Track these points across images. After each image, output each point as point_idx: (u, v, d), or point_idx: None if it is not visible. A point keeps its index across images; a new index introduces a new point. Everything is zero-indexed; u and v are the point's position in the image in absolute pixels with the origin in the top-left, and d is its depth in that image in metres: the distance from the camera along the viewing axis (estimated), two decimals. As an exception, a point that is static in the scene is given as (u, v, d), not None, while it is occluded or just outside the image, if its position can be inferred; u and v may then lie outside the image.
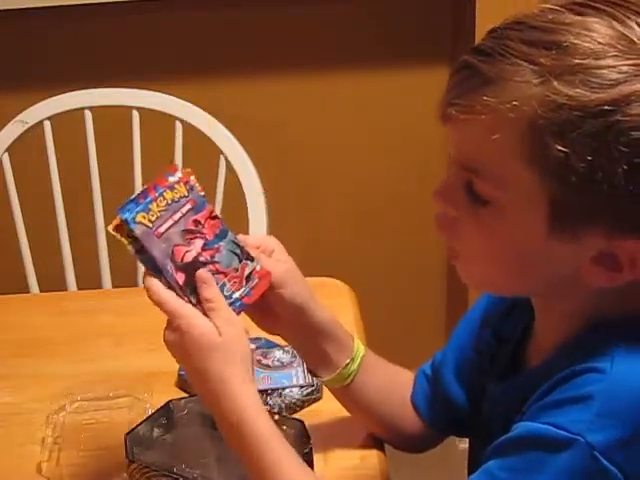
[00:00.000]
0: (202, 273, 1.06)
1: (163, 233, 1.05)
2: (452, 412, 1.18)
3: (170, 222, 1.06)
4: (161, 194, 1.06)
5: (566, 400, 0.88)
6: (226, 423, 1.04)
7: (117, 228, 1.05)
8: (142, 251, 1.05)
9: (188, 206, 1.08)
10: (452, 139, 0.94)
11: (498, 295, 1.11)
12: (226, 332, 1.03)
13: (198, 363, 1.04)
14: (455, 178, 0.94)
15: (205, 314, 1.04)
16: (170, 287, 1.05)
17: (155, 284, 1.05)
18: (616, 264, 0.89)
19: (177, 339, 1.04)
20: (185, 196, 1.08)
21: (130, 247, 1.05)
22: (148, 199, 1.05)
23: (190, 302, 1.05)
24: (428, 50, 2.38)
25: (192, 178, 1.09)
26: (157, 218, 1.05)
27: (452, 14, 2.35)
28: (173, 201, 1.06)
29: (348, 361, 1.16)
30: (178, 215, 1.07)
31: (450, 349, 1.19)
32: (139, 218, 1.04)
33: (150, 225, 1.04)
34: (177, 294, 1.05)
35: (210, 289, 1.06)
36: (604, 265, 0.90)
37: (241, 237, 1.13)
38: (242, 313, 1.09)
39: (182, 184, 1.08)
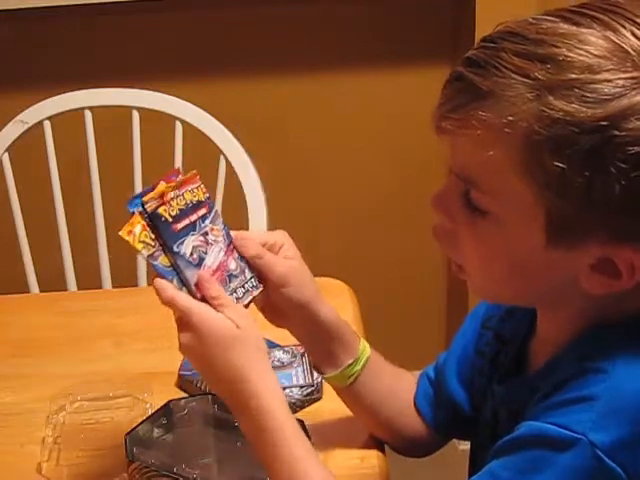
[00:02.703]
0: (203, 273, 1.06)
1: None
2: (455, 414, 1.18)
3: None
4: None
5: (569, 400, 0.88)
6: (246, 415, 1.04)
7: (129, 233, 1.05)
8: (153, 256, 1.06)
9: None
10: (448, 150, 0.93)
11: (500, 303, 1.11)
12: (242, 324, 1.04)
13: (218, 357, 1.03)
14: (453, 186, 0.94)
15: None
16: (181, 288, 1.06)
17: (165, 283, 1.05)
18: (615, 271, 0.89)
19: (193, 338, 1.03)
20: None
21: (144, 251, 1.06)
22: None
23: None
24: (428, 50, 2.38)
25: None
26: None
27: (452, 14, 2.35)
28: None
29: (351, 362, 1.16)
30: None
31: (453, 351, 1.19)
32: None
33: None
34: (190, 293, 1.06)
35: (213, 287, 1.06)
36: (602, 272, 0.89)
37: (248, 233, 1.13)
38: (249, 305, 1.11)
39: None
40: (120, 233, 1.06)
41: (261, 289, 1.12)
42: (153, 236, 1.06)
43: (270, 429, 1.02)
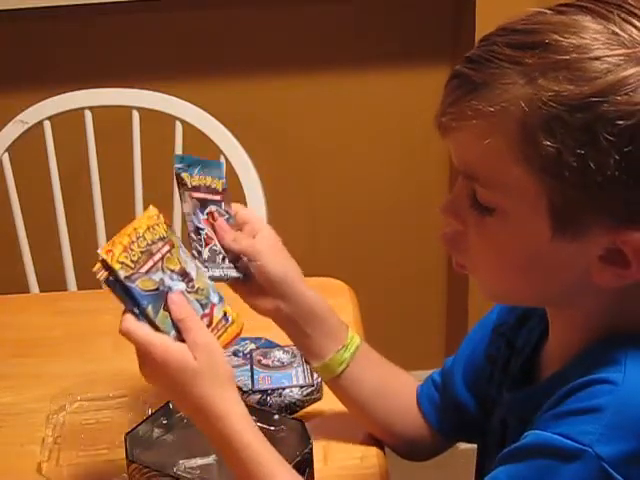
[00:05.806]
0: (173, 296, 1.06)
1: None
2: (461, 418, 1.18)
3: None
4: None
5: (577, 411, 0.87)
6: (213, 443, 1.06)
7: (108, 252, 1.05)
8: (130, 279, 1.04)
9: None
10: (452, 150, 0.94)
11: (512, 306, 1.10)
12: (200, 356, 1.04)
13: (177, 389, 1.05)
14: (460, 190, 0.94)
15: (183, 340, 1.05)
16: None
17: (126, 317, 1.05)
18: (624, 261, 0.88)
19: (153, 371, 1.05)
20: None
21: (121, 272, 1.05)
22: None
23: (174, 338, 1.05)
24: (428, 50, 2.38)
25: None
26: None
27: (452, 14, 2.36)
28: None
29: (340, 347, 1.17)
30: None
31: (461, 356, 1.19)
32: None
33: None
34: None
35: (182, 309, 1.06)
36: (612, 263, 0.89)
37: (235, 205, 1.18)
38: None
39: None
40: (99, 251, 1.05)
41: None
42: (134, 258, 1.04)
43: (237, 450, 1.03)
